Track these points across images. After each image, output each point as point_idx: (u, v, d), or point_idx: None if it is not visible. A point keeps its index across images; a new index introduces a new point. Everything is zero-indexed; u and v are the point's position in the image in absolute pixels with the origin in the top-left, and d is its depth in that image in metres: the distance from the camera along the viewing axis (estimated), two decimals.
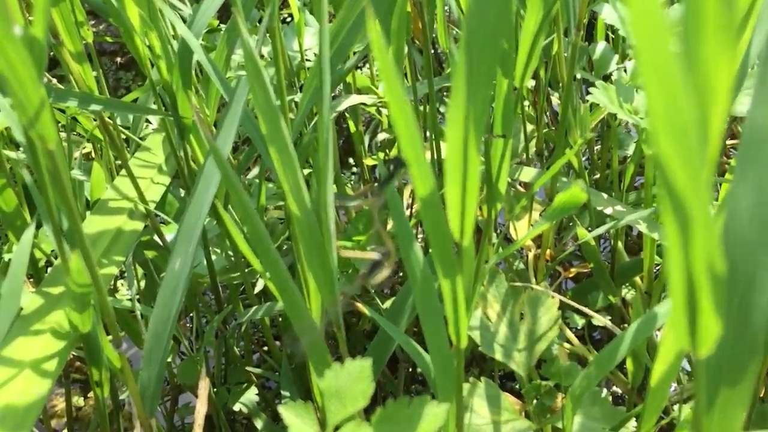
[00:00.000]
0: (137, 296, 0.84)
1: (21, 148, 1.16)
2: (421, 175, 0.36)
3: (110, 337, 0.56)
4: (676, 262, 0.25)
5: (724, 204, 0.34)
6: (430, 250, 0.52)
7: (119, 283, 1.07)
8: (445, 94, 1.17)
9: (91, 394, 0.99)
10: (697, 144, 0.20)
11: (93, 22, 1.57)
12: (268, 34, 0.63)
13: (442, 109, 1.13)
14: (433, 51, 1.26)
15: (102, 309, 0.46)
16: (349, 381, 0.45)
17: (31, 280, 0.85)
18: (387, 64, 0.29)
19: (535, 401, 0.61)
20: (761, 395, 0.74)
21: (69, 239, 0.56)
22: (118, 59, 1.60)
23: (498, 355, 0.61)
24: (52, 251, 1.02)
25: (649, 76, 0.20)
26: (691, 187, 0.21)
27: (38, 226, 0.74)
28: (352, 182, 1.12)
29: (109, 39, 1.44)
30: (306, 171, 0.93)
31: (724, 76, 0.21)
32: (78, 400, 0.97)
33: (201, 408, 0.53)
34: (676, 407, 0.73)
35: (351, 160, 1.22)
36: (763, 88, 0.31)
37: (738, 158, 0.33)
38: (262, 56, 0.93)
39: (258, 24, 1.23)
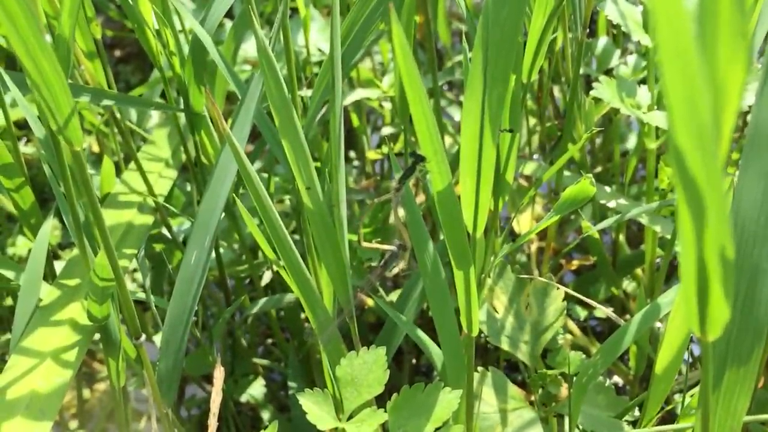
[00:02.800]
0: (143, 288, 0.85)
1: (24, 140, 1.17)
2: (440, 169, 0.37)
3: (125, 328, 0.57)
4: (689, 248, 0.26)
5: (729, 196, 0.35)
6: (438, 240, 0.53)
7: (125, 275, 1.08)
8: (445, 88, 1.19)
9: (96, 386, 1.00)
10: (712, 139, 0.22)
11: None
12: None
13: (442, 104, 1.15)
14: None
15: (123, 303, 0.48)
16: (365, 369, 0.46)
17: None
18: (410, 69, 0.30)
19: (540, 390, 0.62)
20: (761, 385, 0.75)
21: (85, 232, 0.58)
22: (117, 52, 1.61)
23: (505, 346, 0.62)
24: (58, 244, 1.03)
25: (670, 75, 0.21)
26: (706, 179, 0.23)
27: None
28: (353, 176, 1.13)
29: (109, 32, 1.45)
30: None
31: (738, 78, 0.22)
32: (84, 392, 0.98)
33: (216, 397, 0.55)
34: (676, 397, 0.75)
35: (352, 154, 1.23)
36: (766, 90, 0.32)
37: (744, 153, 0.35)
38: None
39: (260, 17, 1.24)
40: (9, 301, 0.84)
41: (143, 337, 0.53)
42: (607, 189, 0.75)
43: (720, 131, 0.24)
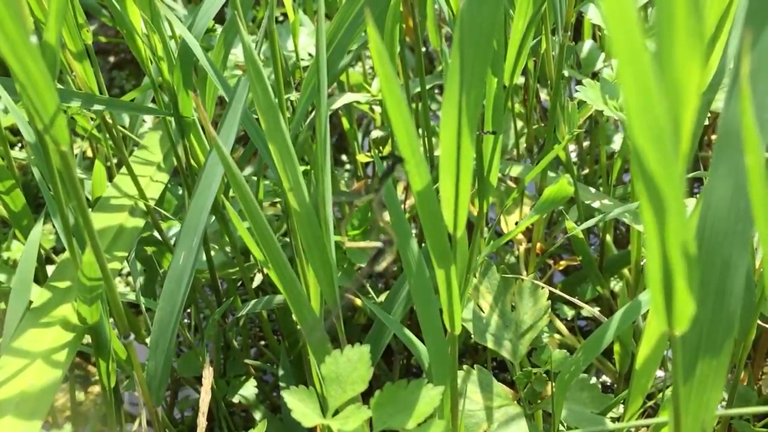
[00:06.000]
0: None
1: (19, 146, 1.18)
2: (418, 170, 0.38)
3: (115, 330, 0.58)
4: (653, 247, 0.27)
5: (703, 195, 0.37)
6: (425, 242, 0.53)
7: (117, 278, 1.08)
8: (436, 91, 1.20)
9: (90, 389, 1.01)
10: (670, 139, 0.22)
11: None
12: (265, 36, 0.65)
13: (433, 107, 1.16)
14: (424, 49, 1.28)
15: (111, 301, 0.48)
16: (349, 367, 0.47)
17: None
18: (387, 72, 0.31)
19: (526, 388, 0.63)
20: (745, 382, 0.76)
21: (75, 235, 0.58)
22: (111, 58, 1.62)
23: (490, 344, 0.63)
24: (51, 248, 1.04)
25: (625, 77, 0.22)
26: (665, 178, 0.24)
27: None
28: (345, 179, 1.14)
29: (103, 39, 1.46)
30: (301, 168, 0.95)
31: (695, 77, 0.23)
32: (78, 395, 0.99)
33: (205, 397, 0.56)
34: (661, 393, 0.76)
35: (344, 157, 1.24)
36: (735, 90, 0.33)
37: (714, 152, 0.36)
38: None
39: (251, 23, 1.25)
40: (1, 305, 0.85)
41: (132, 336, 0.54)
42: (592, 190, 0.76)
43: (679, 130, 0.25)
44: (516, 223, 0.85)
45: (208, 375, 0.57)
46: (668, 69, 0.23)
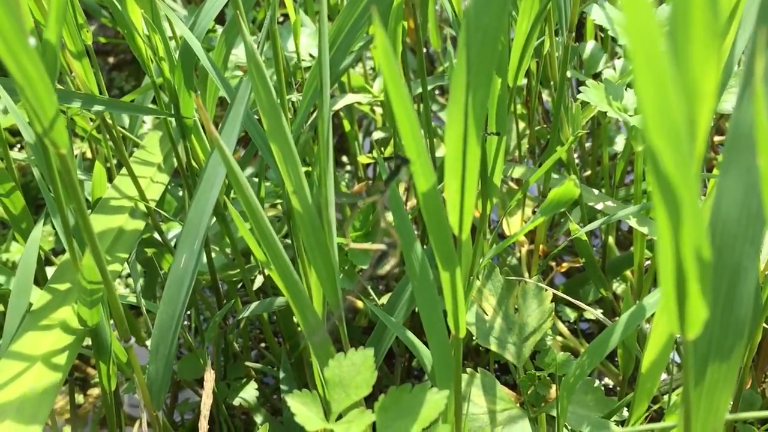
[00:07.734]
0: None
1: (18, 147, 1.17)
2: (424, 171, 0.38)
3: (115, 332, 0.57)
4: (666, 249, 0.26)
5: (711, 197, 0.36)
6: (428, 243, 0.53)
7: (117, 280, 1.08)
8: (437, 92, 1.19)
9: (90, 392, 1.00)
10: (686, 139, 0.22)
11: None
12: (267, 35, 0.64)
13: (434, 108, 1.15)
14: (424, 50, 1.28)
15: (111, 306, 0.48)
16: (353, 370, 0.47)
17: None
18: (392, 72, 0.30)
19: (530, 391, 0.62)
20: (748, 385, 0.76)
21: (75, 237, 0.58)
22: (111, 59, 1.61)
23: (493, 347, 0.63)
24: (51, 249, 1.03)
25: (641, 77, 0.21)
26: (681, 179, 0.23)
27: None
28: (346, 180, 1.13)
29: (102, 39, 1.45)
30: (303, 169, 0.94)
31: (711, 78, 0.22)
32: (77, 398, 0.98)
33: (207, 399, 0.55)
34: (666, 397, 0.75)
35: (344, 158, 1.24)
36: (747, 89, 0.32)
37: (724, 154, 0.35)
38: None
39: (252, 24, 1.24)
40: (0, 307, 0.84)
41: (132, 339, 0.53)
42: (596, 192, 0.75)
43: (694, 130, 0.24)
44: (526, 222, 0.84)
45: (210, 378, 0.56)
46: (684, 68, 0.22)
